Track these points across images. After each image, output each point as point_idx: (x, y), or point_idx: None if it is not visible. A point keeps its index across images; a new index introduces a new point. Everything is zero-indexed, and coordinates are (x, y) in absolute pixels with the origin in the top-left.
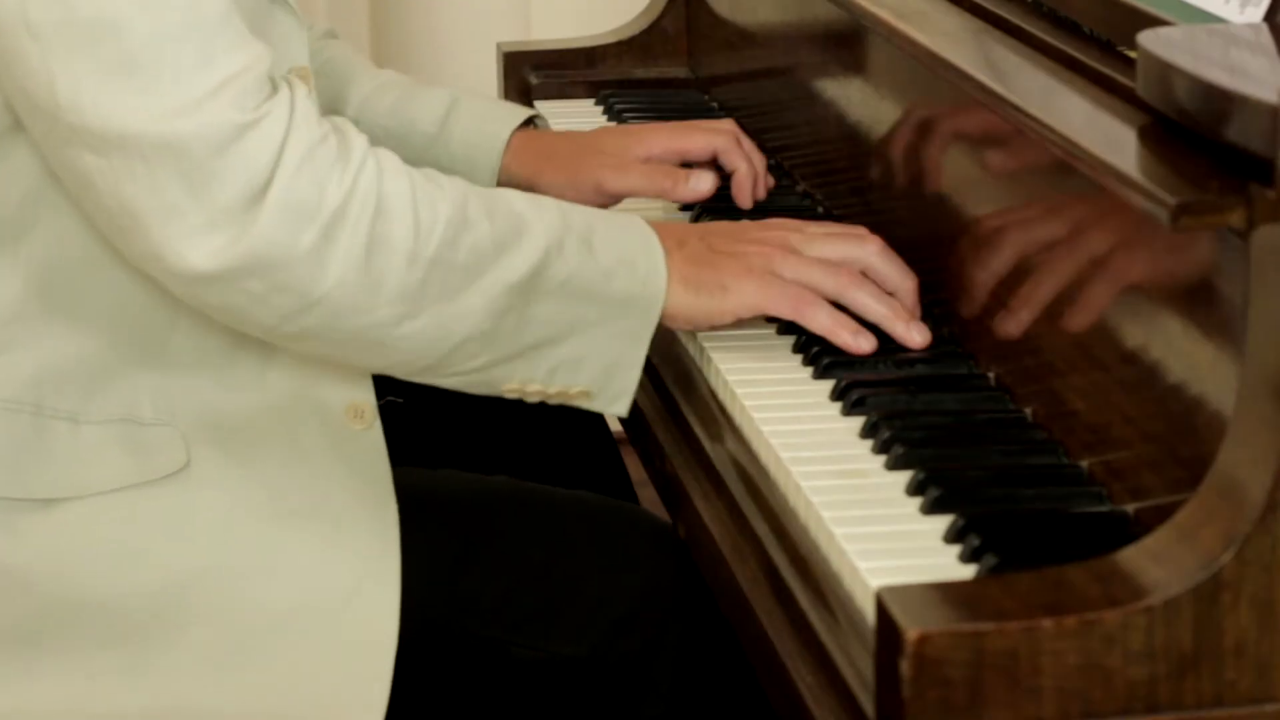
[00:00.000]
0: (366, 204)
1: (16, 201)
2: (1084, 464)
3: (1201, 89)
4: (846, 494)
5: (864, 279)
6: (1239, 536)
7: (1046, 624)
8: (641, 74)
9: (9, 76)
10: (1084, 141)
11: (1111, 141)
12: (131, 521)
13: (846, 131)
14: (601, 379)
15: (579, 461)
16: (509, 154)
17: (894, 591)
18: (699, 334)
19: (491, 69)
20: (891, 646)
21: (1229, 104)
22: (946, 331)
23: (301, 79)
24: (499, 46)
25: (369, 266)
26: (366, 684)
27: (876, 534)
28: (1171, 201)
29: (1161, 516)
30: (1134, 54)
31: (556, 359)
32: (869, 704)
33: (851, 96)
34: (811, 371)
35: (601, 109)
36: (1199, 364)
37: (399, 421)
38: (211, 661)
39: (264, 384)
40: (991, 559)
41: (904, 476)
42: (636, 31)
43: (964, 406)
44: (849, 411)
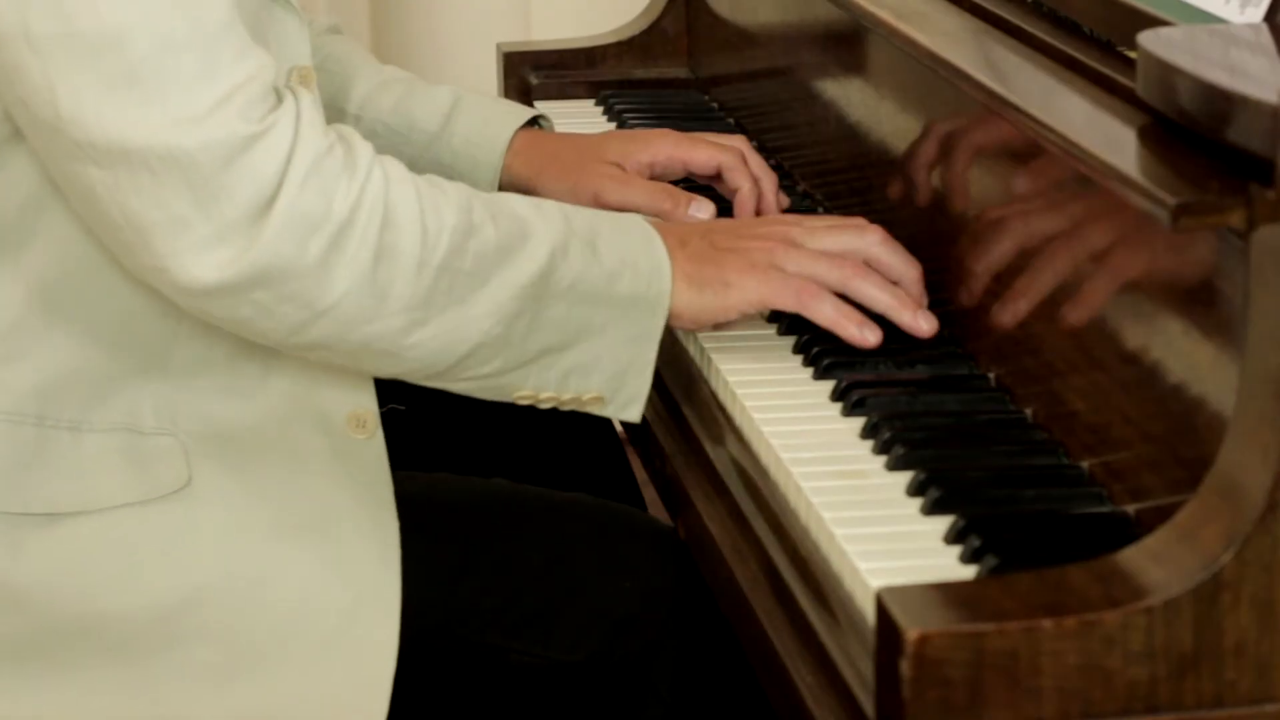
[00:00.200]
0: (374, 213)
1: (15, 210)
2: (1084, 465)
3: (1202, 89)
4: (847, 495)
5: (868, 269)
6: (1239, 537)
7: (1047, 624)
8: (641, 74)
9: (8, 88)
10: (1084, 141)
11: (1111, 141)
12: (133, 539)
13: (846, 131)
14: (613, 383)
15: (584, 463)
16: (511, 154)
17: (894, 592)
18: (700, 335)
19: (491, 69)
20: (892, 647)
21: (1229, 104)
22: (947, 332)
23: (303, 78)
24: (499, 47)
25: (376, 276)
26: (366, 698)
27: (877, 535)
28: (1171, 201)
29: (1162, 517)
30: (1134, 54)
31: (568, 364)
32: (869, 704)
33: (851, 96)
34: (812, 372)
35: (601, 109)
36: (1199, 364)
37: (395, 426)
38: (212, 676)
39: (265, 392)
40: (992, 560)
41: (904, 477)
42: (636, 32)
43: (964, 407)
44: (849, 412)
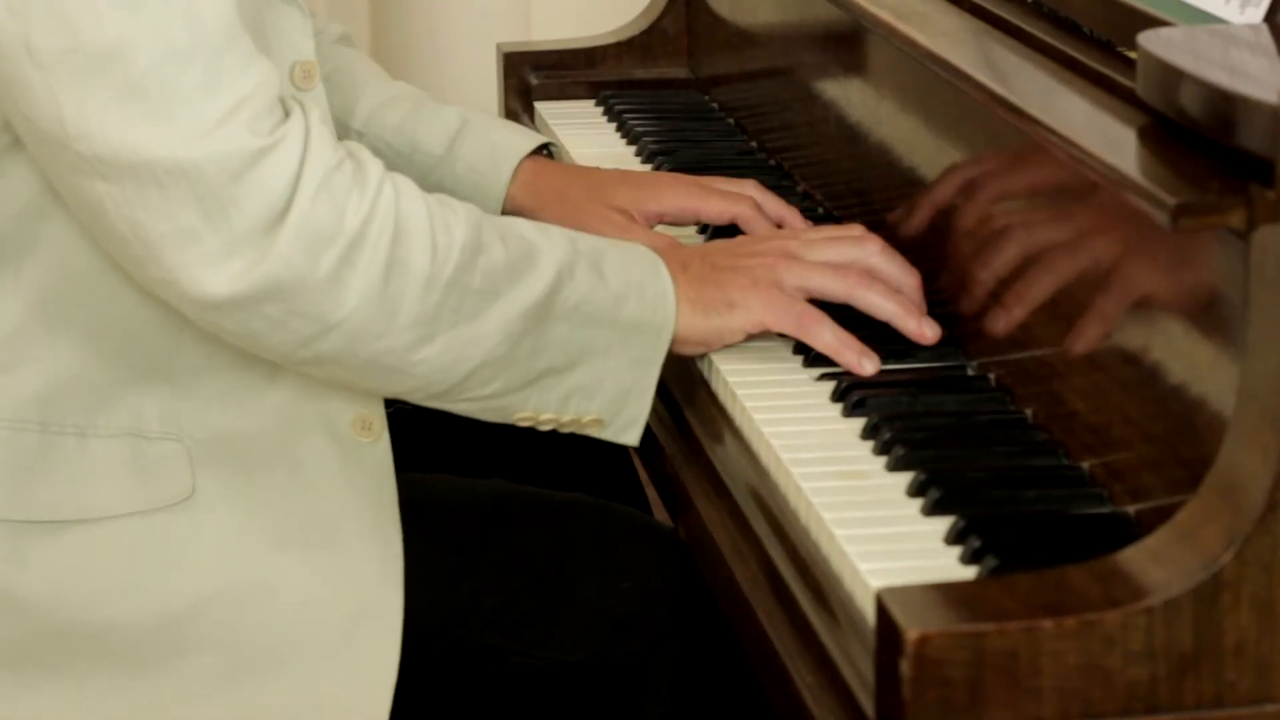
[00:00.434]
0: (385, 228)
1: (15, 219)
2: (1084, 465)
3: (1202, 90)
4: (847, 495)
5: (871, 279)
6: (1239, 537)
7: (1047, 624)
8: (641, 74)
9: (10, 101)
10: (1084, 142)
11: (1111, 142)
12: (137, 548)
13: (846, 132)
14: (614, 407)
15: (584, 464)
16: (515, 185)
17: (894, 592)
18: None
19: (491, 69)
20: (892, 647)
21: (1229, 104)
22: (947, 333)
23: (306, 73)
24: (499, 47)
25: (387, 290)
26: (368, 703)
27: (877, 535)
28: (1171, 202)
29: (1162, 517)
30: (1134, 54)
31: (569, 386)
32: (869, 704)
33: (851, 97)
34: (812, 373)
35: (601, 109)
36: (1199, 364)
37: (395, 427)
38: (215, 683)
39: (270, 397)
40: (992, 560)
41: (905, 478)
42: (636, 32)
43: (965, 408)
44: (850, 413)
